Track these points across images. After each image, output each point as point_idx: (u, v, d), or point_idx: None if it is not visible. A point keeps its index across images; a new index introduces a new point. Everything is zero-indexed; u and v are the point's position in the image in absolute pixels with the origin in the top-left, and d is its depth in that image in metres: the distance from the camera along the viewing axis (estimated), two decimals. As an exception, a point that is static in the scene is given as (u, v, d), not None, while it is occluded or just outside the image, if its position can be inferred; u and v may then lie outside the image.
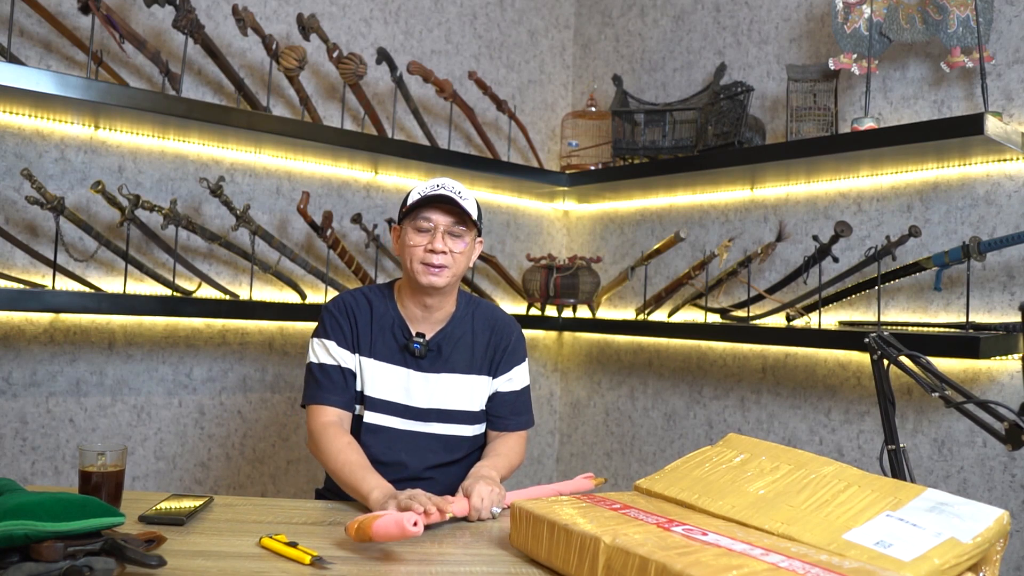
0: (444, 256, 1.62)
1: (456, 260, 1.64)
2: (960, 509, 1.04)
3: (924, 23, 2.18)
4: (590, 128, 3.13)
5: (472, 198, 1.67)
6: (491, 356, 1.75)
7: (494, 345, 1.75)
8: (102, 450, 1.36)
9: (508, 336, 1.77)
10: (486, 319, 1.78)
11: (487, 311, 1.80)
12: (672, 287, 2.78)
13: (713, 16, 2.90)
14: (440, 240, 1.62)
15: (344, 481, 1.54)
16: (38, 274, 2.21)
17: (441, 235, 1.62)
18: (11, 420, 2.22)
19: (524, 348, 1.81)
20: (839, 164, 2.34)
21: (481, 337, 1.75)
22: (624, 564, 1.00)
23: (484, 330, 1.76)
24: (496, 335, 1.76)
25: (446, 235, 1.63)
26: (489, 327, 1.77)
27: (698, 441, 2.83)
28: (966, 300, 2.13)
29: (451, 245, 1.63)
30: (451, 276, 1.65)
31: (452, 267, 1.64)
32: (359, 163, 2.71)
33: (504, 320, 1.80)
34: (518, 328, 1.82)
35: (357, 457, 1.55)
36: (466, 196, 1.65)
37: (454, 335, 1.72)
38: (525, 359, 1.81)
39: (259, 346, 2.63)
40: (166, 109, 2.15)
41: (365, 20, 2.86)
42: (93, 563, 1.01)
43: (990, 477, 2.12)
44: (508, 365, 1.76)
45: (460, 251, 1.64)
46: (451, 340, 1.72)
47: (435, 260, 1.62)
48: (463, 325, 1.74)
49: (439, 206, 1.63)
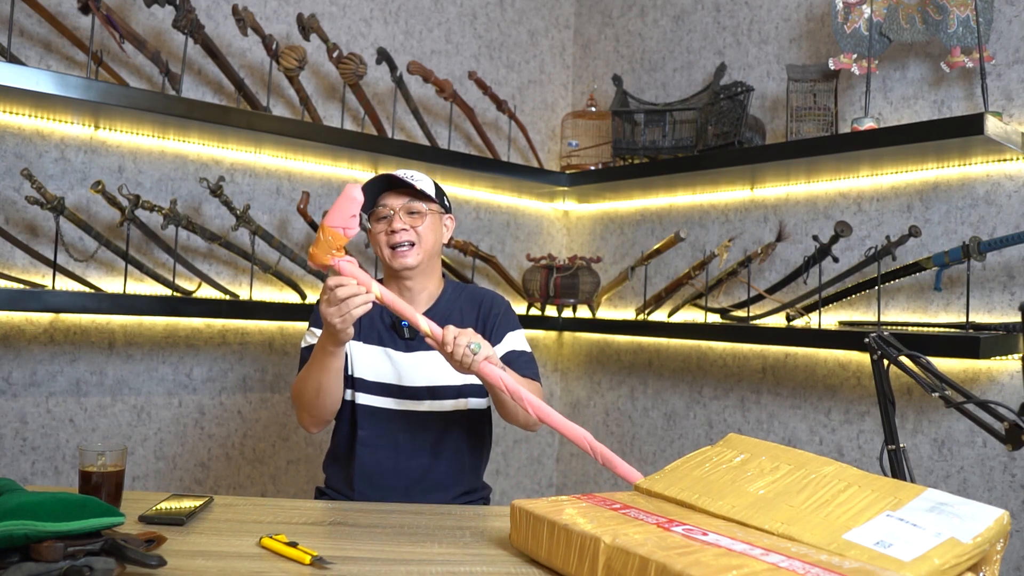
0: (406, 233, 1.67)
1: (422, 236, 1.68)
2: (960, 509, 1.04)
3: (924, 23, 2.18)
4: (590, 128, 3.13)
5: (426, 178, 1.72)
6: (481, 328, 1.75)
7: (483, 318, 1.77)
8: (102, 450, 1.36)
9: (496, 308, 1.79)
10: (472, 297, 1.81)
11: (473, 291, 1.84)
12: (672, 287, 2.78)
13: (713, 16, 2.90)
14: (399, 220, 1.67)
15: (309, 370, 1.60)
16: (38, 274, 2.21)
17: (399, 216, 1.67)
18: (11, 420, 2.22)
19: (515, 318, 1.82)
20: (839, 164, 2.34)
21: (469, 314, 1.78)
22: (624, 564, 1.00)
23: (472, 308, 1.79)
24: (484, 308, 1.79)
25: (404, 215, 1.68)
26: (476, 304, 1.80)
27: (698, 441, 2.83)
28: (966, 300, 2.13)
29: (411, 222, 1.68)
30: (420, 253, 1.69)
31: (419, 243, 1.68)
32: (359, 163, 2.71)
33: (490, 295, 1.83)
34: (505, 301, 1.84)
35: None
36: (419, 178, 1.70)
37: (442, 314, 1.74)
38: (519, 328, 1.81)
39: (259, 346, 2.63)
40: (166, 109, 2.15)
41: (365, 20, 2.86)
42: (93, 563, 1.01)
43: (990, 477, 2.12)
44: (500, 332, 1.77)
45: (423, 226, 1.68)
46: (439, 318, 1.72)
47: (397, 239, 1.66)
48: (450, 305, 1.78)
49: (391, 191, 1.69)
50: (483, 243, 3.16)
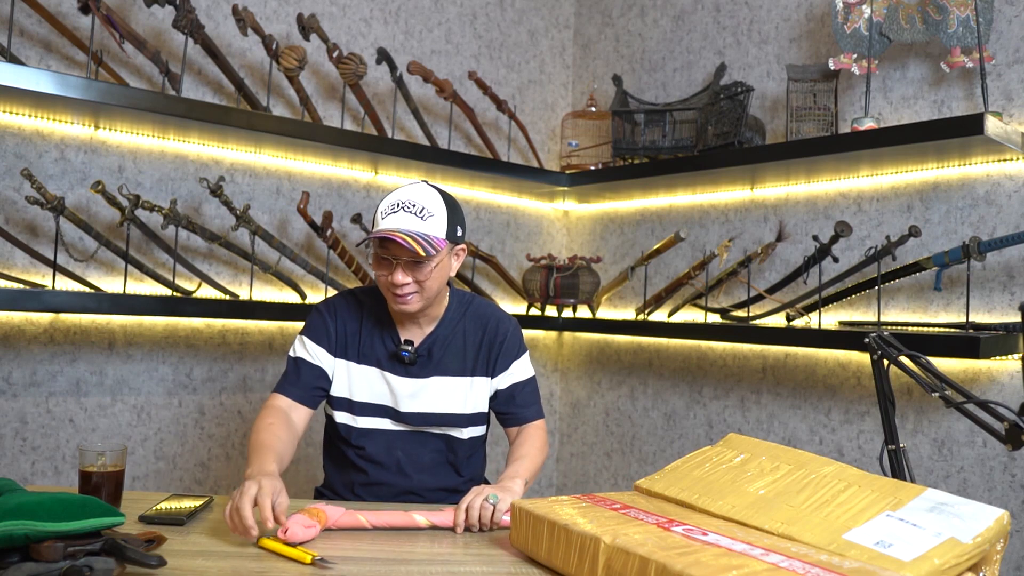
0: (408, 286, 1.56)
1: (424, 286, 1.57)
2: (960, 509, 1.04)
3: (924, 23, 2.18)
4: (590, 128, 3.13)
5: (439, 212, 1.57)
6: (486, 356, 1.70)
7: (487, 344, 1.71)
8: (102, 450, 1.36)
9: (502, 333, 1.72)
10: (478, 318, 1.73)
11: (479, 309, 1.75)
12: (672, 287, 2.78)
13: (713, 16, 2.90)
14: (400, 273, 1.54)
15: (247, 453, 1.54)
16: (38, 274, 2.21)
17: (401, 268, 1.55)
18: (11, 420, 2.22)
19: (521, 342, 1.76)
20: (839, 164, 2.34)
21: (473, 337, 1.71)
22: (624, 564, 1.00)
23: (476, 330, 1.71)
24: (489, 334, 1.71)
25: (407, 266, 1.55)
26: (481, 326, 1.72)
27: (698, 441, 2.83)
28: (966, 300, 2.13)
29: (415, 275, 1.56)
30: (423, 300, 1.59)
31: (421, 292, 1.58)
32: (359, 163, 2.71)
33: (496, 317, 1.74)
34: (513, 323, 1.76)
35: (265, 437, 1.51)
36: (431, 212, 1.56)
37: (445, 337, 1.69)
38: (524, 353, 1.75)
39: (259, 346, 2.63)
40: (166, 109, 2.15)
41: (365, 20, 2.86)
42: (93, 563, 1.02)
43: (990, 477, 2.12)
44: (506, 362, 1.71)
45: (425, 277, 1.56)
46: (442, 343, 1.69)
47: (398, 292, 1.57)
48: (454, 326, 1.71)
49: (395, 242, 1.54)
50: (483, 243, 3.16)
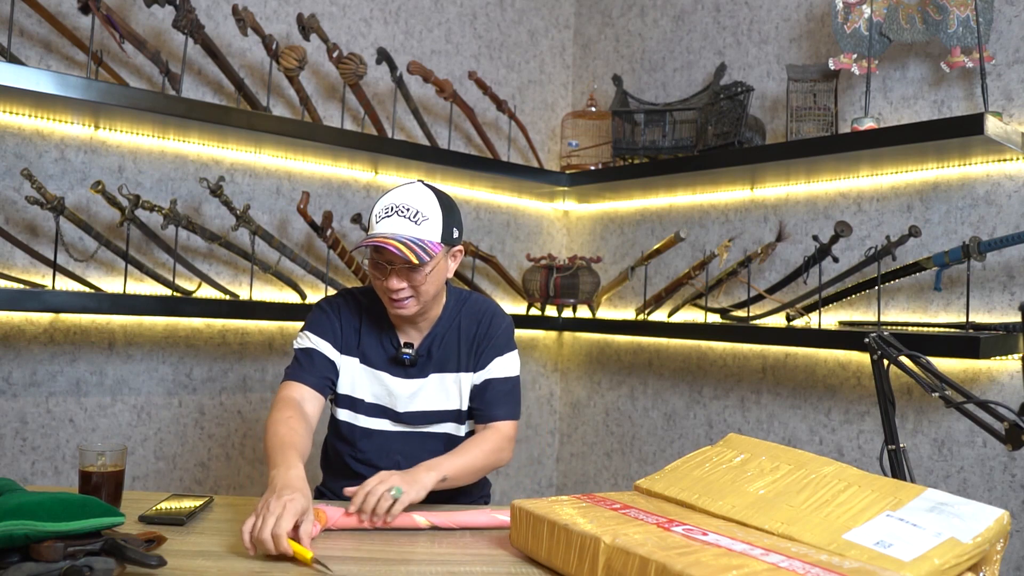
0: (403, 291, 1.56)
1: (420, 290, 1.57)
2: (960, 509, 1.04)
3: (924, 23, 2.18)
4: (590, 128, 3.13)
5: (434, 216, 1.57)
6: (474, 350, 1.70)
7: (478, 339, 1.70)
8: (102, 450, 1.36)
9: (494, 328, 1.71)
10: (473, 314, 1.73)
11: (475, 305, 1.74)
12: (672, 287, 2.78)
13: (713, 16, 2.90)
14: (395, 279, 1.55)
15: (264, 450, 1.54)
16: (38, 274, 2.21)
17: (396, 274, 1.55)
18: (11, 420, 2.22)
19: (510, 340, 1.74)
20: (839, 164, 2.34)
21: (467, 333, 1.71)
22: (624, 564, 1.00)
23: (470, 325, 1.71)
24: (481, 328, 1.71)
25: (402, 271, 1.55)
26: (475, 321, 1.72)
27: (698, 441, 2.83)
28: (966, 300, 2.13)
29: (410, 280, 1.56)
30: (419, 304, 1.60)
31: (417, 296, 1.58)
32: (359, 163, 2.71)
33: (490, 312, 1.74)
34: (506, 321, 1.74)
35: (285, 432, 1.46)
36: (425, 215, 1.56)
37: (443, 336, 1.70)
38: (511, 351, 1.73)
39: (259, 346, 2.63)
40: (166, 109, 2.15)
41: (365, 20, 2.86)
42: (93, 563, 1.02)
43: (990, 477, 2.12)
44: (489, 357, 1.70)
45: (420, 282, 1.56)
46: (439, 341, 1.69)
47: (394, 297, 1.57)
48: (451, 323, 1.71)
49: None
50: (483, 243, 3.16)
